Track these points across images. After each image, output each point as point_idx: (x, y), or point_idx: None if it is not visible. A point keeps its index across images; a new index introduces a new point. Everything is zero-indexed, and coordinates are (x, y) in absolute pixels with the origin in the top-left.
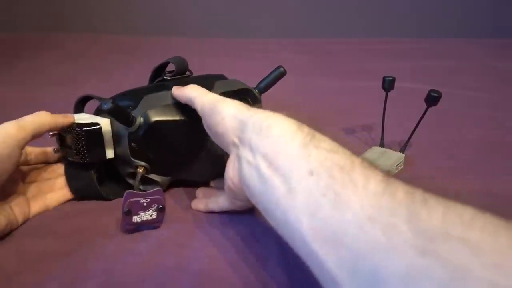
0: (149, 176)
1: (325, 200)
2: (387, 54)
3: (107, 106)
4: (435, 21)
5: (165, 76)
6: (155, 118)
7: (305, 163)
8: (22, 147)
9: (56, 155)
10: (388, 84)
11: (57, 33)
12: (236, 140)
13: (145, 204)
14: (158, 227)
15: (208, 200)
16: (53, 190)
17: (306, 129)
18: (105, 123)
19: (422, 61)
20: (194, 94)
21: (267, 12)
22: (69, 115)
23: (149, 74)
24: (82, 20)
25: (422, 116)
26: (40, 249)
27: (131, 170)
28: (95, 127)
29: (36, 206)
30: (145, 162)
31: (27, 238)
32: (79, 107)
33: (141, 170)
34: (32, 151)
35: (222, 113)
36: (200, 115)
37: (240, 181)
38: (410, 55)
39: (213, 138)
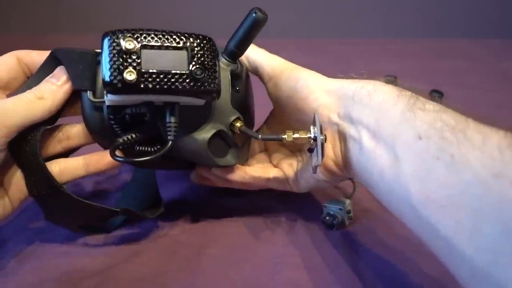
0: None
1: (438, 163)
2: (389, 54)
3: (263, 13)
4: (438, 21)
5: None
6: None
7: (411, 127)
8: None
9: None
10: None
11: (54, 34)
12: (333, 116)
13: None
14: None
15: (251, 168)
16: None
17: (408, 92)
18: None
19: (424, 61)
20: (257, 56)
21: (267, 12)
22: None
23: None
24: (79, 21)
25: None
26: (38, 248)
27: (219, 128)
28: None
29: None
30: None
31: (24, 236)
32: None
33: (238, 124)
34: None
35: (310, 87)
36: (266, 81)
37: (342, 158)
38: (413, 55)
39: (289, 112)
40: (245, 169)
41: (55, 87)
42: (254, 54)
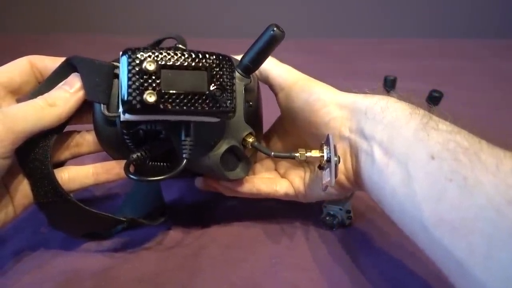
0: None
1: (451, 185)
2: (389, 54)
3: (280, 30)
4: (439, 21)
5: None
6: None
7: (424, 147)
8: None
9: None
10: (389, 84)
11: (55, 34)
12: (344, 130)
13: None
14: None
15: (260, 181)
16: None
17: (421, 111)
18: None
19: (425, 61)
20: (268, 65)
21: (267, 12)
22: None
23: None
24: (80, 20)
25: None
26: (37, 248)
27: (232, 144)
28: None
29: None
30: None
31: (24, 236)
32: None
33: (251, 139)
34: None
35: (322, 100)
36: (277, 91)
37: (353, 173)
38: (413, 55)
39: (299, 124)
40: (254, 181)
41: (68, 95)
42: (265, 64)
